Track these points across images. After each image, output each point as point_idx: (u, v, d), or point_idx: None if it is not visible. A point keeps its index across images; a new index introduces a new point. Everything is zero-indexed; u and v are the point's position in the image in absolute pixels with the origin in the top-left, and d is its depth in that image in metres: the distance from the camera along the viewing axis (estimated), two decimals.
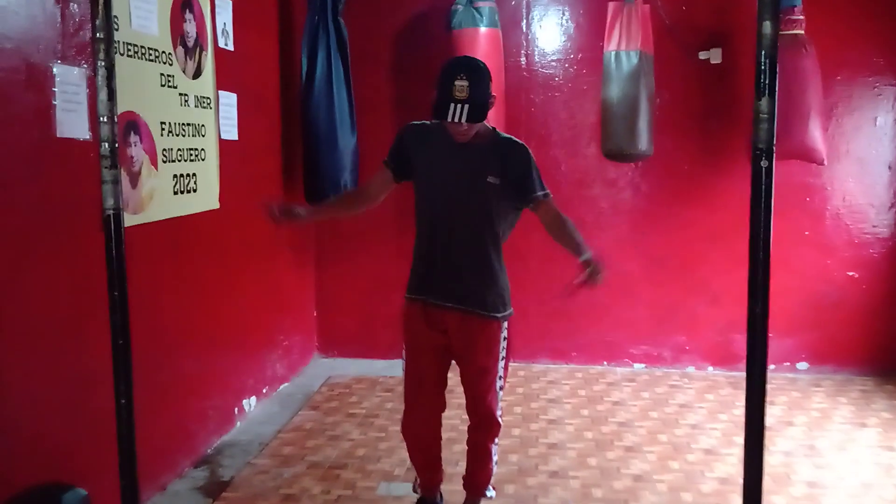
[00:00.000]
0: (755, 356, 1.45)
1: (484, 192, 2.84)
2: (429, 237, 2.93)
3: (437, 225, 2.90)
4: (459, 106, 2.66)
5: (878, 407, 4.54)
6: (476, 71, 2.74)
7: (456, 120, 2.68)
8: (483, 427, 3.04)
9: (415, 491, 3.26)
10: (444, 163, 2.89)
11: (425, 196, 2.95)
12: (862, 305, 5.06)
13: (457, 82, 2.67)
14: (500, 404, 3.06)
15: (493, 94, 2.82)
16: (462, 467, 3.24)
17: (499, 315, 2.94)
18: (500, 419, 3.05)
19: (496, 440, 3.09)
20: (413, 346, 3.02)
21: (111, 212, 1.73)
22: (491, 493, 3.20)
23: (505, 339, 2.99)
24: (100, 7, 1.69)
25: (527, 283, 5.13)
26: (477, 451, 3.10)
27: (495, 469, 3.17)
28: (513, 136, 2.98)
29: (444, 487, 3.28)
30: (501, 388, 3.04)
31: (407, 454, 3.59)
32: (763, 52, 1.46)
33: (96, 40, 1.70)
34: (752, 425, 1.46)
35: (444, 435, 3.21)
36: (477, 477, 3.14)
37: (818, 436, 4.10)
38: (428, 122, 2.98)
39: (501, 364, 3.00)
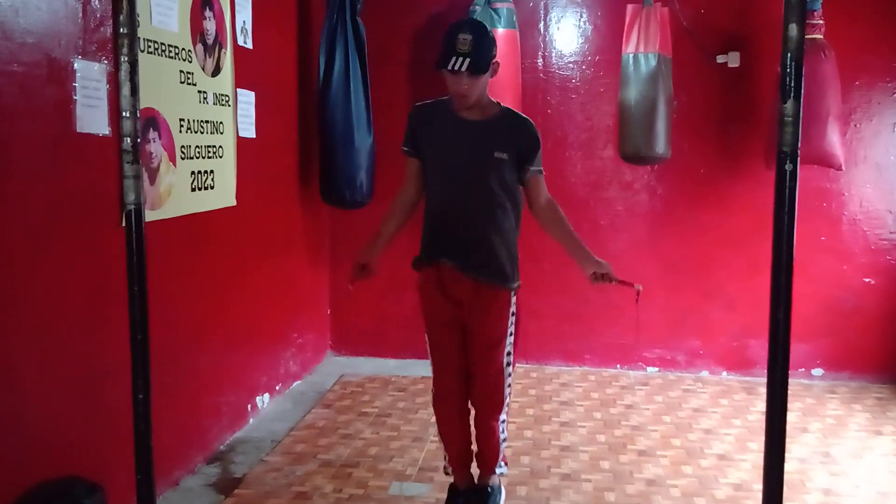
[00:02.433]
0: (777, 361, 1.44)
1: (491, 167, 2.88)
2: (439, 211, 2.99)
3: (446, 200, 2.96)
4: (461, 58, 2.72)
5: (895, 415, 4.50)
6: (481, 30, 2.81)
7: (456, 68, 2.73)
8: (487, 402, 3.06)
9: (446, 472, 3.25)
10: (452, 140, 2.93)
11: (434, 172, 2.99)
12: (878, 312, 5.02)
13: (460, 35, 2.74)
14: (509, 381, 3.08)
15: (497, 60, 2.87)
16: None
17: (509, 285, 3.00)
18: (506, 395, 3.07)
19: (501, 417, 3.09)
20: (433, 321, 3.07)
21: (132, 207, 1.74)
22: (502, 468, 3.20)
23: (513, 313, 3.04)
24: (123, 2, 1.69)
25: (541, 284, 5.12)
26: (482, 428, 3.11)
27: (504, 445, 3.17)
28: (518, 112, 3.02)
29: None
30: (510, 365, 3.07)
31: (418, 454, 3.60)
32: (789, 55, 1.46)
33: (119, 35, 1.71)
34: (774, 430, 1.44)
35: None
36: (484, 454, 3.16)
37: (833, 443, 4.07)
38: (434, 101, 3.03)
39: (510, 340, 3.04)
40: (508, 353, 3.06)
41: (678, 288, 5.18)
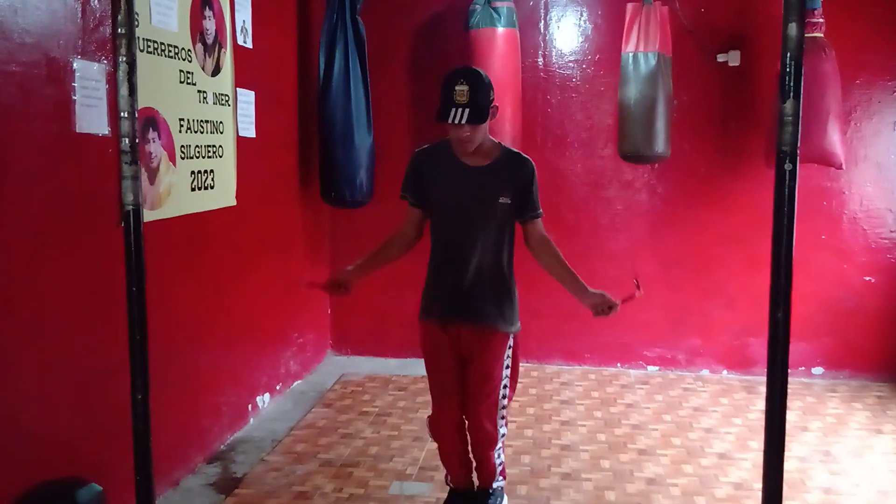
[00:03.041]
0: (777, 360, 1.44)
1: (497, 213, 2.93)
2: (444, 258, 3.00)
3: (451, 246, 2.97)
4: (460, 110, 2.75)
5: (895, 413, 4.50)
6: (476, 77, 2.83)
7: (456, 122, 2.76)
8: (476, 440, 3.06)
9: (447, 483, 3.24)
10: (456, 187, 2.96)
11: (439, 219, 3.02)
12: (879, 311, 5.01)
13: (457, 87, 2.76)
14: (503, 413, 3.07)
15: (495, 103, 2.90)
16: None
17: (507, 329, 3.02)
18: (498, 430, 3.05)
19: (496, 448, 3.08)
20: (431, 351, 3.08)
21: (131, 207, 1.73)
22: (500, 482, 3.19)
23: (510, 347, 3.04)
24: (122, 2, 1.69)
25: (541, 283, 5.09)
26: (477, 458, 3.12)
27: (500, 464, 3.15)
28: (519, 151, 3.06)
29: None
30: (505, 398, 3.06)
31: (419, 453, 3.58)
32: (788, 55, 1.45)
33: (118, 35, 1.70)
34: (774, 429, 1.44)
35: None
36: (482, 474, 3.16)
37: (833, 442, 4.07)
38: (434, 145, 3.05)
39: (506, 373, 3.04)
40: (505, 387, 3.05)
41: (678, 287, 5.18)
